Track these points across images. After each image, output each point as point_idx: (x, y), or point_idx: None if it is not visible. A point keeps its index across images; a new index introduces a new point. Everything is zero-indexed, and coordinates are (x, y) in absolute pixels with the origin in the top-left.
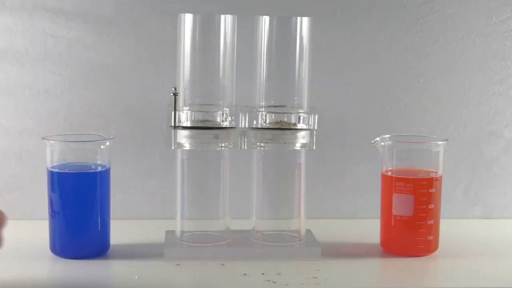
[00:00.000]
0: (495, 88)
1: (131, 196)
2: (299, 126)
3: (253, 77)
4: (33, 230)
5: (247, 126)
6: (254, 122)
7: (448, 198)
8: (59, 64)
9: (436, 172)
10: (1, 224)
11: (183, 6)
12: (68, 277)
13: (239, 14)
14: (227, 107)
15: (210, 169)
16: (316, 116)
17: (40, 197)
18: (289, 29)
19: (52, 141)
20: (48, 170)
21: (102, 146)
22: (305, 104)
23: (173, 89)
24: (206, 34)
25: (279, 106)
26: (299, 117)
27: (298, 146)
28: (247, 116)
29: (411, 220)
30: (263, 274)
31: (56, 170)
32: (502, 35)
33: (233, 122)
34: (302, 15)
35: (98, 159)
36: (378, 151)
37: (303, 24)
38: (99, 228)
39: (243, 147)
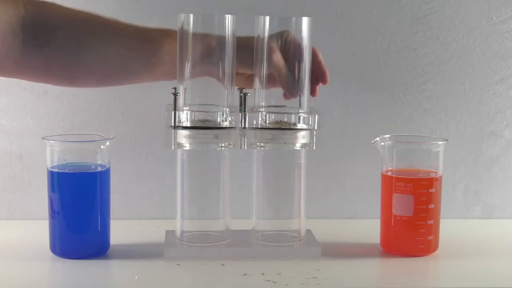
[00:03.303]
0: (495, 88)
1: (131, 196)
2: (299, 126)
3: (253, 77)
4: (33, 230)
5: (247, 126)
6: (254, 122)
7: (448, 198)
8: None
9: (436, 172)
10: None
11: (183, 6)
12: (68, 277)
13: (239, 14)
14: (227, 107)
15: (210, 169)
16: (316, 116)
17: (40, 197)
18: (289, 29)
19: (52, 141)
20: (48, 170)
21: (102, 146)
22: (305, 104)
23: (173, 89)
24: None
25: (279, 106)
26: (299, 117)
27: (298, 146)
28: (247, 116)
29: (411, 220)
30: (263, 274)
31: (56, 170)
32: (502, 35)
33: (233, 122)
34: (302, 15)
35: (98, 159)
36: (378, 151)
37: (303, 24)
38: (99, 228)
39: (243, 147)
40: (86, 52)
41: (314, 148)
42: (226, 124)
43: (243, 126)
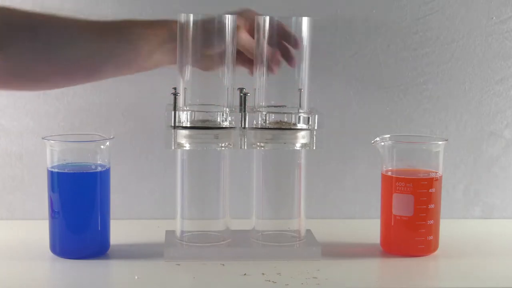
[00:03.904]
0: (495, 88)
1: (131, 196)
2: (299, 126)
3: (253, 77)
4: (33, 230)
5: (247, 126)
6: (254, 122)
7: (448, 198)
8: None
9: (436, 172)
10: None
11: (183, 6)
12: (68, 277)
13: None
14: (227, 107)
15: (210, 169)
16: (316, 116)
17: (40, 197)
18: (289, 28)
19: (52, 141)
20: (48, 170)
21: (102, 146)
22: (305, 104)
23: (173, 89)
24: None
25: (279, 106)
26: (299, 117)
27: (298, 146)
28: (247, 116)
29: (411, 220)
30: (263, 274)
31: (56, 170)
32: (502, 35)
33: (233, 122)
34: (302, 15)
35: (98, 159)
36: (378, 151)
37: (303, 24)
38: (99, 228)
39: (243, 147)
40: (51, 51)
41: (314, 148)
42: (226, 124)
43: (243, 126)
